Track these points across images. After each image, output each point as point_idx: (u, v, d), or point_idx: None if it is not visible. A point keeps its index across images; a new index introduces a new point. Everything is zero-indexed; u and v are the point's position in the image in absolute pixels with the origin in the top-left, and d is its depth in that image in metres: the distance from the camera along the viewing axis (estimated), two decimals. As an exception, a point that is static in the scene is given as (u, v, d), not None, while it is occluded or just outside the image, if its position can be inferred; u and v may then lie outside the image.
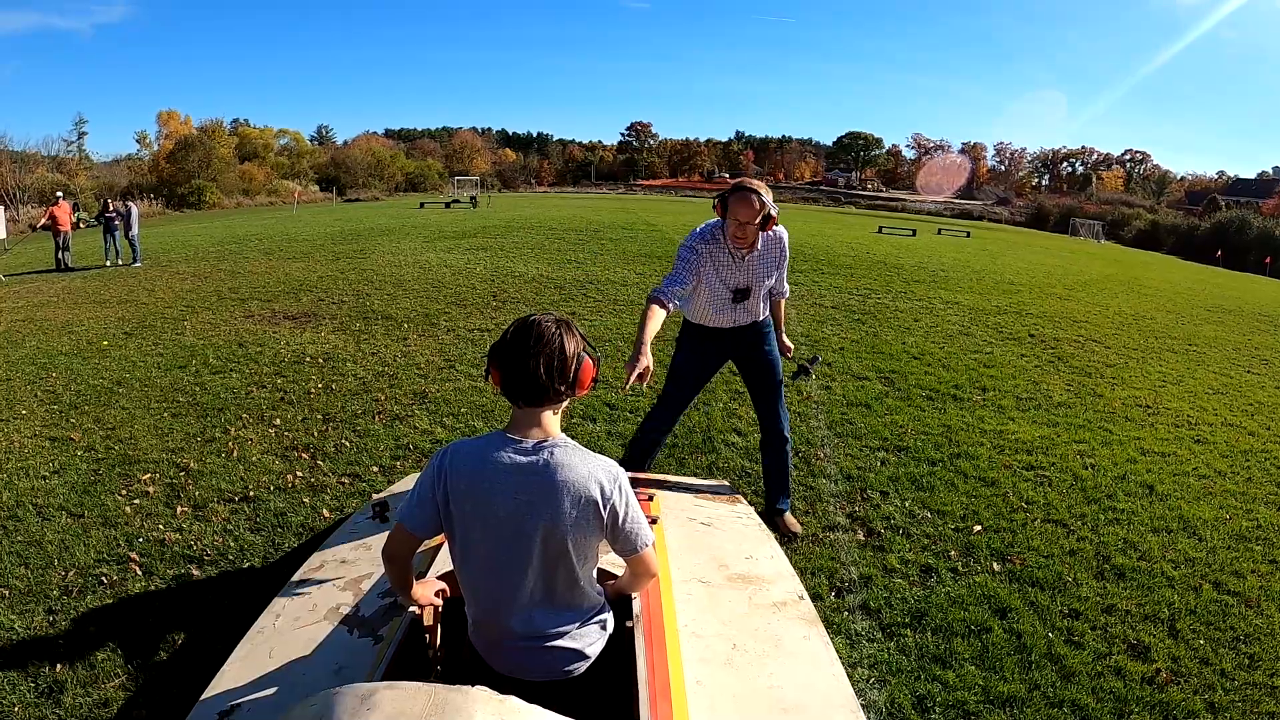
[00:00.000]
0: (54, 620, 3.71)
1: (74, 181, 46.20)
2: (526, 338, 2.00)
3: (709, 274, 4.17)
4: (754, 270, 4.22)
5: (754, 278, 4.23)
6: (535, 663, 2.05)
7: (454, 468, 1.99)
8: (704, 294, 4.23)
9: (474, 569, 2.03)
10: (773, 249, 4.25)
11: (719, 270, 4.17)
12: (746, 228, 3.97)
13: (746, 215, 3.92)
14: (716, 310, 4.28)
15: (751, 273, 4.21)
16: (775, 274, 4.36)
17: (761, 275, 4.25)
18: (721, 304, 4.25)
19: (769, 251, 4.23)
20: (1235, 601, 4.22)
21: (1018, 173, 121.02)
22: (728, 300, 4.23)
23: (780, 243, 4.29)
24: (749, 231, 3.99)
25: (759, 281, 4.26)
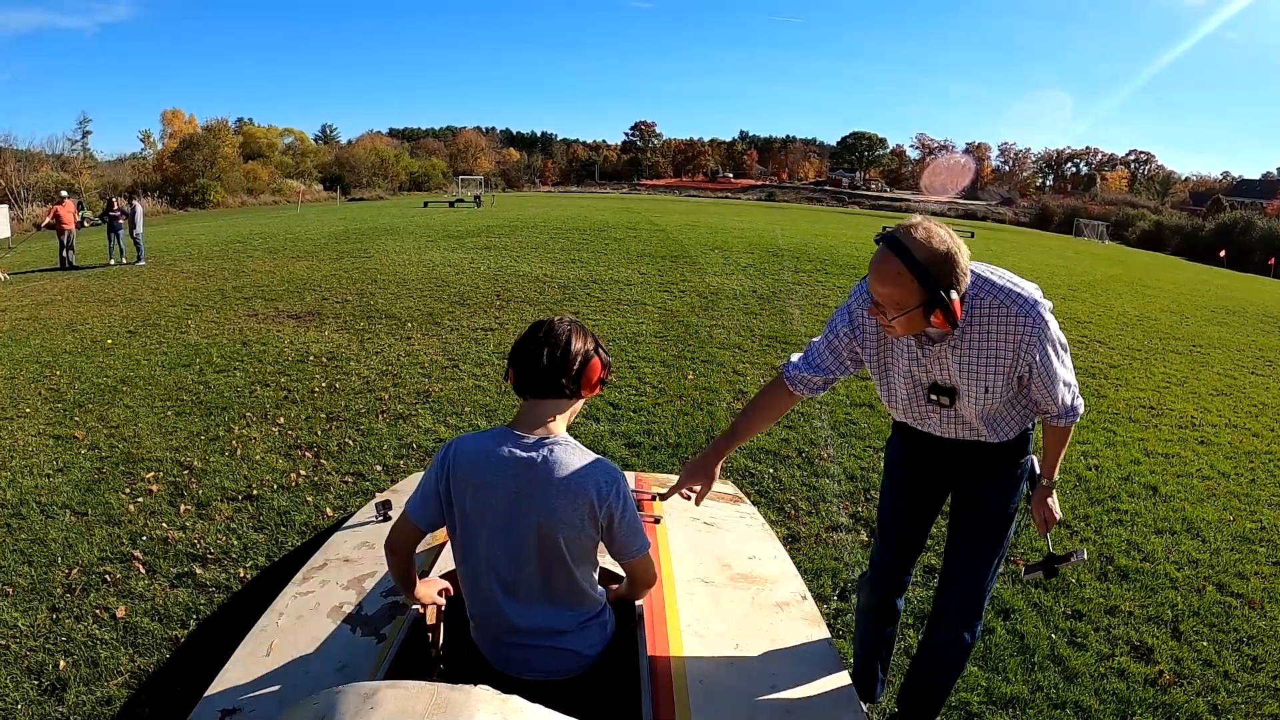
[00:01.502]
0: (57, 618, 3.72)
1: (78, 180, 46.29)
2: (537, 332, 2.04)
3: (884, 353, 2.53)
4: (953, 366, 2.37)
5: (958, 377, 2.39)
6: (535, 662, 2.05)
7: (456, 460, 2.00)
8: (895, 378, 2.56)
9: (472, 561, 2.04)
10: (996, 336, 2.27)
11: (899, 352, 2.48)
12: (876, 307, 2.24)
13: (879, 292, 2.19)
14: (911, 406, 2.60)
15: (949, 369, 2.39)
16: (1005, 380, 2.34)
17: (975, 376, 2.36)
18: (916, 400, 2.56)
19: (986, 340, 2.29)
20: (1239, 603, 4.21)
21: (1022, 173, 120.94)
22: (922, 397, 2.52)
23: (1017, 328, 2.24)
24: (890, 321, 2.21)
25: (967, 384, 2.39)
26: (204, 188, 52.82)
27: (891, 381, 2.56)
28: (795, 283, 14.86)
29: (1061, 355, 2.33)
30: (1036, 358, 2.26)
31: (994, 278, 2.26)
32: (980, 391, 2.38)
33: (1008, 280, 2.26)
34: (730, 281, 14.49)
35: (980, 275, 2.26)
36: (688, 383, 7.81)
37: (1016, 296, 2.22)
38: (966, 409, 2.46)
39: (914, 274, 2.07)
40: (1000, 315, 2.23)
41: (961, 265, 2.12)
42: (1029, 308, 2.21)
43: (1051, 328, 2.26)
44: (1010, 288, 2.24)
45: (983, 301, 2.24)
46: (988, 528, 2.69)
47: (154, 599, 3.89)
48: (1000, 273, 2.29)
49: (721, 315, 11.36)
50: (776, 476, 5.52)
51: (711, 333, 10.15)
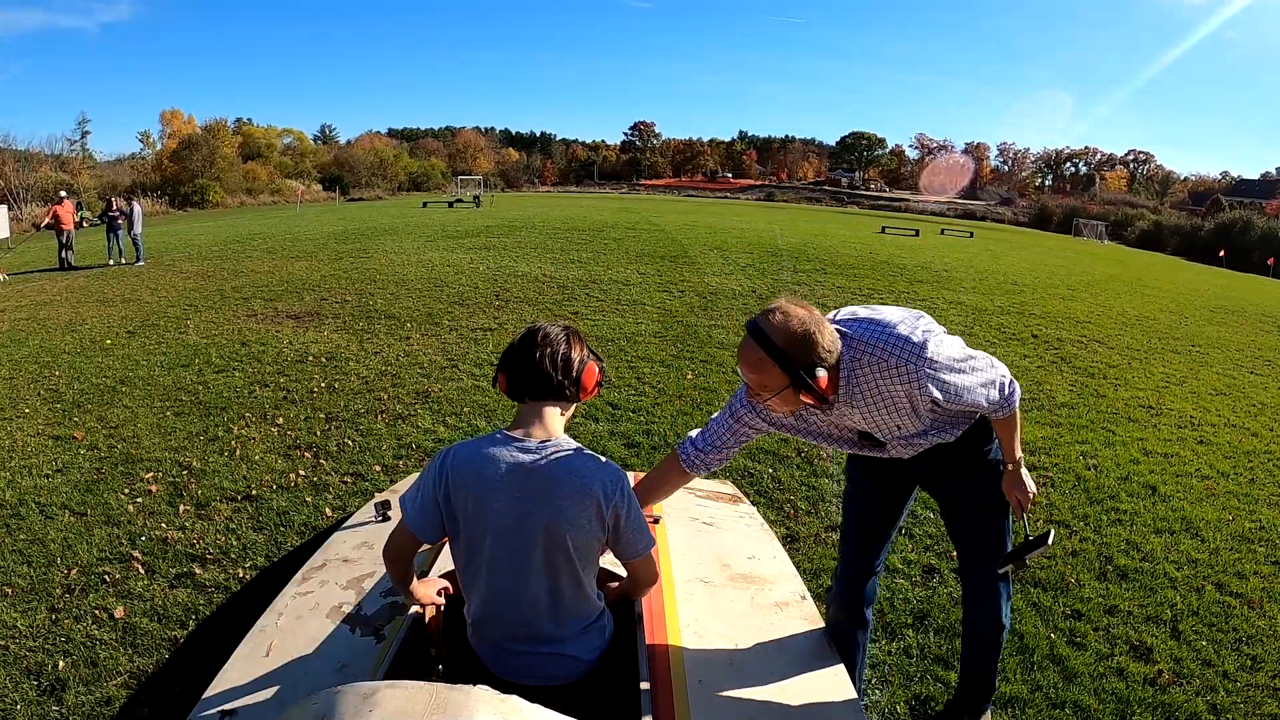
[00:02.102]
0: (56, 618, 3.71)
1: (77, 180, 46.26)
2: (534, 337, 2.05)
3: (797, 419, 2.56)
4: (854, 418, 2.45)
5: (862, 423, 2.47)
6: (535, 668, 2.05)
7: (455, 468, 1.99)
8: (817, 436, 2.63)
9: (476, 570, 2.03)
10: (883, 389, 2.32)
11: (806, 420, 2.56)
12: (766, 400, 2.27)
13: (748, 377, 2.26)
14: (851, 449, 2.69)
15: (853, 420, 2.47)
16: (914, 416, 2.41)
17: (882, 423, 2.44)
18: (851, 445, 2.63)
19: (877, 393, 2.34)
20: (1238, 603, 4.21)
21: (1021, 173, 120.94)
22: (855, 443, 2.61)
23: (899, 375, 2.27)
24: (767, 401, 2.28)
25: (880, 427, 2.46)
26: (203, 188, 52.79)
27: (818, 437, 2.60)
28: (794, 283, 14.87)
29: (960, 369, 2.33)
30: (933, 393, 2.28)
31: (866, 335, 2.29)
32: (895, 429, 2.45)
33: (881, 330, 2.29)
34: (729, 281, 14.50)
35: (852, 335, 2.30)
36: (687, 383, 7.81)
37: (890, 346, 2.25)
38: (896, 443, 2.52)
39: (774, 359, 2.13)
40: (880, 370, 2.28)
41: (824, 343, 2.17)
42: (905, 355, 2.24)
43: (938, 358, 2.26)
44: (883, 339, 2.27)
45: (860, 361, 2.30)
46: (974, 522, 2.72)
47: (153, 599, 3.89)
48: (876, 319, 2.33)
49: (721, 315, 11.36)
50: (776, 476, 5.52)
51: (711, 333, 10.15)
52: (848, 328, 2.33)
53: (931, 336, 2.27)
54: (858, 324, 2.34)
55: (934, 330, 2.32)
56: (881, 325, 2.30)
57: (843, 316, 2.40)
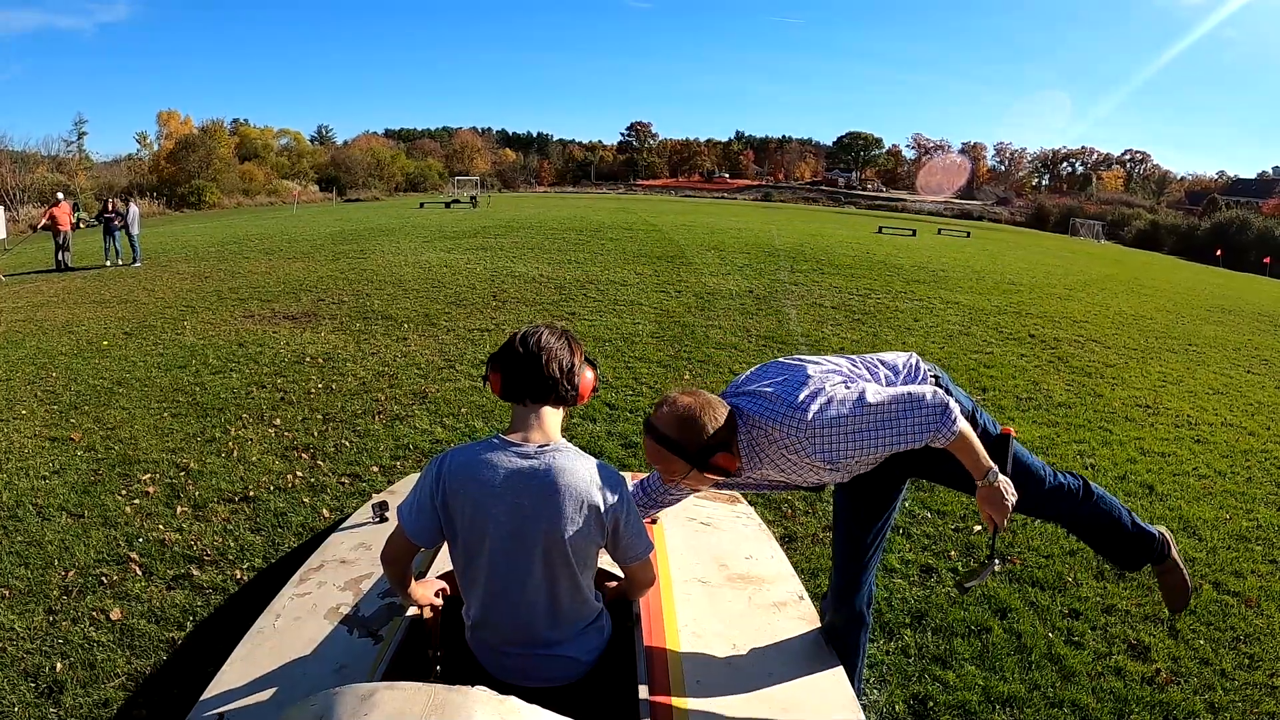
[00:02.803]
0: (54, 620, 3.71)
1: (74, 182, 46.11)
2: (530, 339, 2.04)
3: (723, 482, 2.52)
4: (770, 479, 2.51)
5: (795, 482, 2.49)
6: (534, 670, 2.05)
7: (452, 474, 1.98)
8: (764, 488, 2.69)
9: (475, 575, 2.02)
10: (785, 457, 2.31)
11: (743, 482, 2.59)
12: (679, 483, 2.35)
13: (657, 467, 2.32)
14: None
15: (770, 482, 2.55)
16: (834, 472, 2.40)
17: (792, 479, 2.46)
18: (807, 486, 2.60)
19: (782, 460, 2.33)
20: (1235, 601, 4.22)
21: (1018, 173, 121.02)
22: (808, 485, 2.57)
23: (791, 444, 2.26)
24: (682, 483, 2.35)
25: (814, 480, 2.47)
26: (200, 189, 52.67)
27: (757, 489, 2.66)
28: (791, 283, 14.88)
29: (866, 419, 2.20)
30: (840, 450, 2.22)
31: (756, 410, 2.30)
32: (810, 482, 2.46)
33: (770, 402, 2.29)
34: (726, 282, 14.50)
35: (744, 412, 2.32)
36: (684, 383, 7.81)
37: (776, 419, 2.25)
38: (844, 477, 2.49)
39: (669, 449, 2.18)
40: (771, 442, 2.29)
41: (713, 425, 2.18)
42: (789, 424, 2.22)
43: (828, 418, 2.20)
44: (769, 412, 2.27)
45: (753, 436, 2.31)
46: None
47: (151, 601, 3.89)
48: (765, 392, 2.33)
49: (718, 315, 11.36)
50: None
51: (708, 333, 10.16)
52: (744, 402, 2.35)
53: (819, 400, 2.23)
54: (753, 399, 2.34)
55: (833, 392, 2.25)
56: (772, 397, 2.29)
57: (748, 388, 2.41)
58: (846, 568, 2.74)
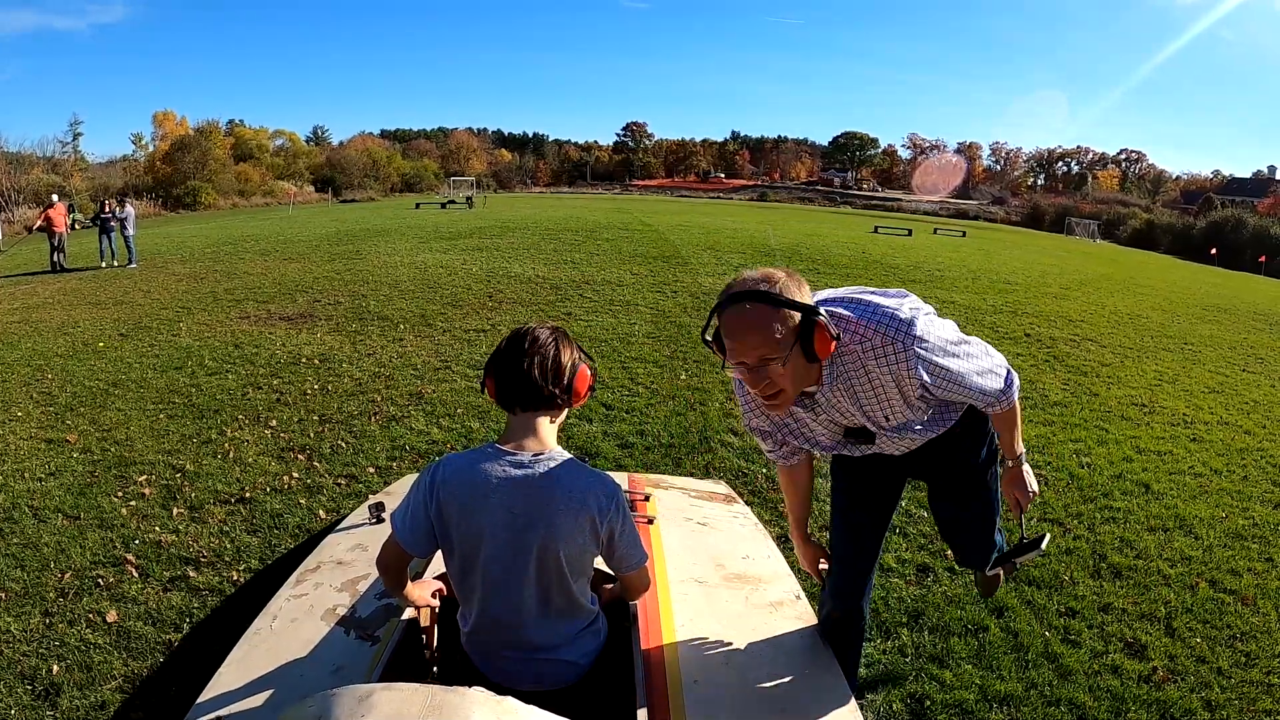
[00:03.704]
0: (50, 622, 3.70)
1: (69, 183, 46.02)
2: (520, 343, 2.01)
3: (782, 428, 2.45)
4: (843, 410, 2.25)
5: (853, 417, 2.27)
6: (530, 674, 2.04)
7: (445, 482, 1.96)
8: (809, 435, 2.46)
9: (471, 583, 2.01)
10: (871, 370, 2.10)
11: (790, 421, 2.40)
12: (774, 380, 1.99)
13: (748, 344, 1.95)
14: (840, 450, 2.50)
15: (841, 413, 2.26)
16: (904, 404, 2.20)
17: (872, 411, 2.22)
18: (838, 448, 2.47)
19: (864, 375, 2.12)
20: (1232, 600, 4.23)
21: (1013, 172, 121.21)
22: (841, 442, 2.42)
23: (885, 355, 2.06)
24: (785, 379, 2.00)
25: (871, 419, 2.25)
26: (195, 190, 52.64)
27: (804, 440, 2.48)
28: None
29: (953, 354, 2.13)
30: (924, 377, 2.08)
31: (851, 310, 2.09)
32: (884, 420, 2.24)
33: (866, 307, 2.09)
34: (723, 282, 14.41)
35: (836, 311, 2.09)
36: (680, 383, 7.81)
37: (876, 323, 2.05)
38: (887, 438, 2.33)
39: (772, 304, 1.92)
40: (865, 348, 2.07)
41: (800, 288, 2.00)
42: (891, 332, 2.04)
43: (928, 338, 2.06)
44: (868, 315, 2.07)
45: (843, 341, 2.07)
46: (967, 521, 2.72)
47: (147, 603, 3.88)
48: (861, 298, 2.13)
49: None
50: (770, 476, 5.52)
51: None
52: (837, 305, 2.12)
53: (920, 315, 2.08)
54: (840, 301, 2.14)
55: (923, 308, 2.12)
56: (866, 303, 2.10)
57: (822, 296, 2.19)
58: (849, 566, 2.68)
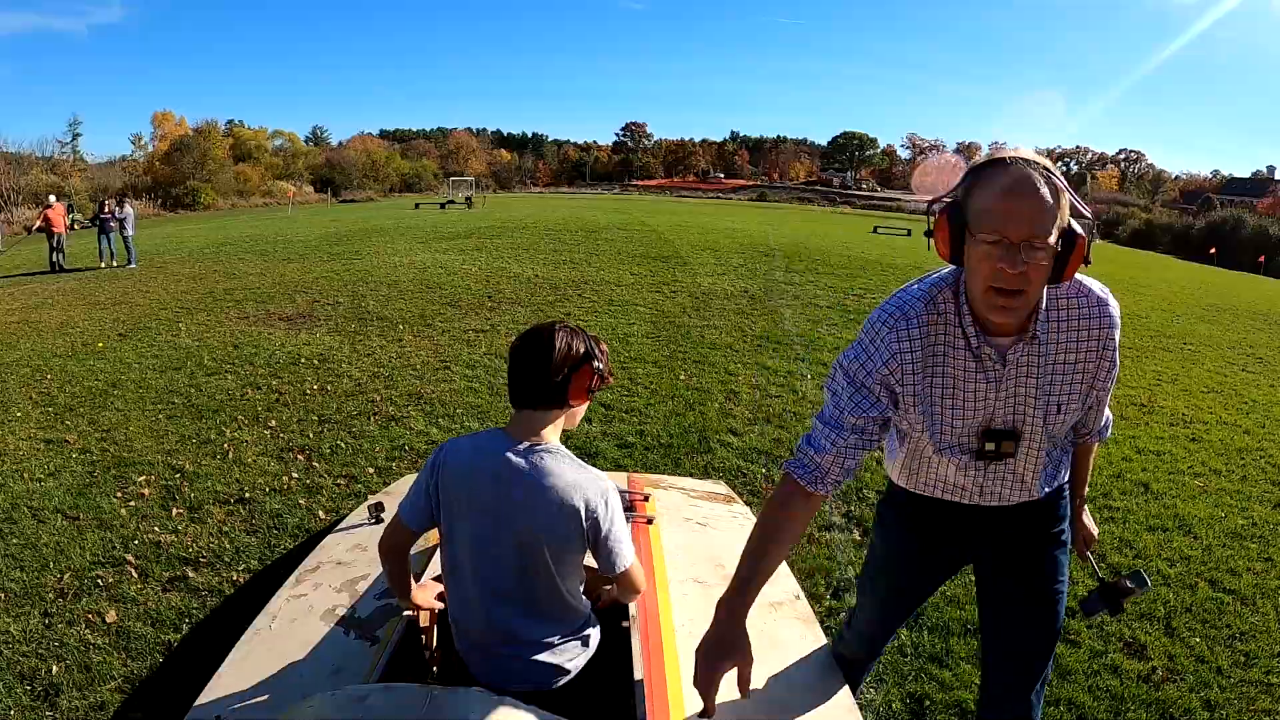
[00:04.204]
0: (49, 623, 3.70)
1: (68, 183, 46.03)
2: (528, 340, 2.02)
3: (932, 383, 1.88)
4: (1027, 388, 1.86)
5: (1027, 405, 1.88)
6: (513, 673, 2.03)
7: (447, 461, 2.00)
8: (919, 438, 2.01)
9: (456, 562, 2.03)
10: (1080, 333, 1.84)
11: (945, 389, 1.88)
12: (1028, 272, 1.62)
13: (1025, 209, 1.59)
14: (948, 470, 2.04)
15: (1020, 393, 1.86)
16: (1080, 394, 1.89)
17: (1048, 399, 1.87)
18: (957, 457, 1.97)
19: (1066, 338, 1.84)
20: (1231, 599, 4.23)
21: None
22: (969, 451, 1.95)
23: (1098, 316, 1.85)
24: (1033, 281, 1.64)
25: (1041, 413, 1.89)
26: (194, 190, 52.65)
27: (937, 422, 1.90)
28: (786, 283, 14.89)
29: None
30: (1113, 355, 1.88)
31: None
32: (1053, 413, 1.87)
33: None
34: (722, 282, 14.50)
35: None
36: (680, 383, 7.81)
37: (1089, 286, 1.85)
38: (1025, 459, 1.96)
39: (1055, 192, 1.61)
40: (1082, 303, 1.83)
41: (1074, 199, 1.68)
42: (1099, 298, 1.85)
43: (1117, 318, 1.90)
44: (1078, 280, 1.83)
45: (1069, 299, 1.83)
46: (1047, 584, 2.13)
47: (146, 603, 3.88)
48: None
49: (713, 315, 11.37)
50: (769, 476, 5.52)
51: (704, 333, 10.16)
52: None
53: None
54: None
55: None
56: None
57: None
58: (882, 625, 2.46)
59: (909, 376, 1.87)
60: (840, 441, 1.90)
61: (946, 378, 1.87)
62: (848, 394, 1.90)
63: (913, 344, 1.85)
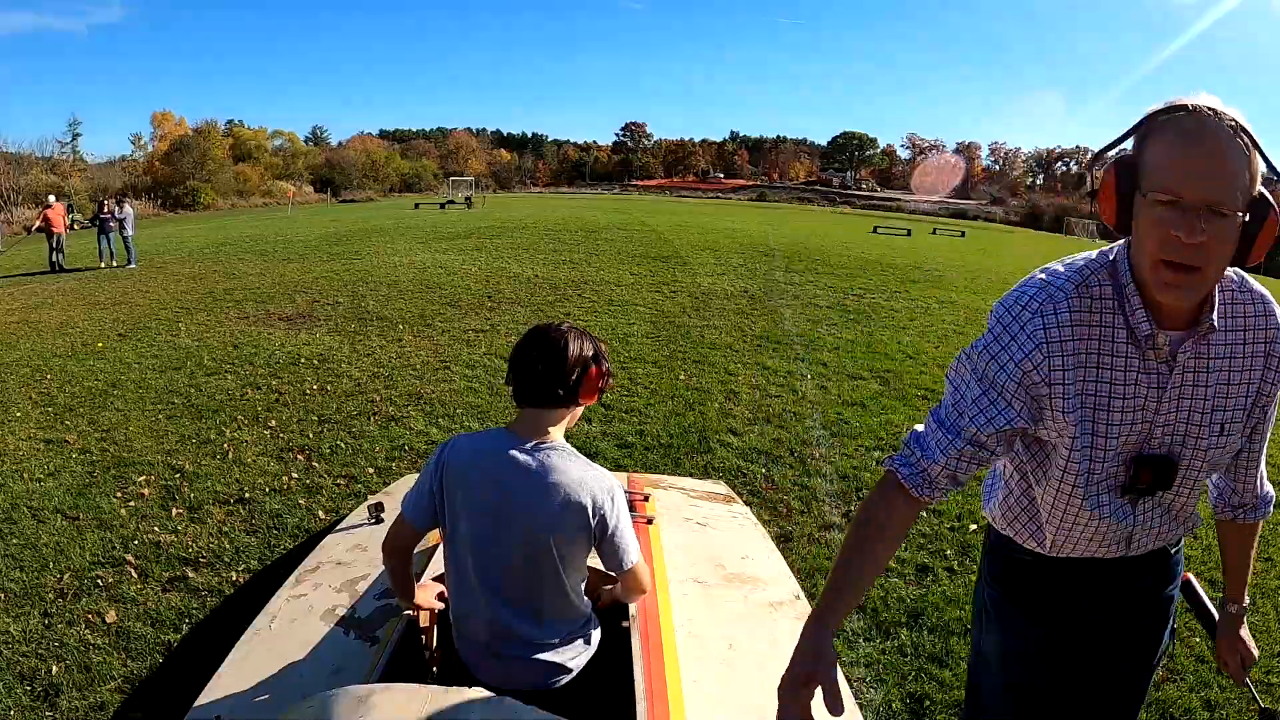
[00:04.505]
0: (49, 623, 3.70)
1: (68, 183, 46.03)
2: (534, 339, 2.02)
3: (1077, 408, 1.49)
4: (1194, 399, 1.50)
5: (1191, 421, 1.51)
6: (515, 673, 2.03)
7: (451, 459, 2.00)
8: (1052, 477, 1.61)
9: (459, 562, 2.03)
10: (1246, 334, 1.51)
11: (1101, 395, 1.48)
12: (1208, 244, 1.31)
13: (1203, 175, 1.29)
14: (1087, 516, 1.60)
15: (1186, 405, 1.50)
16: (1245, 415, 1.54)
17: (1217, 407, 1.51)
18: (1100, 497, 1.58)
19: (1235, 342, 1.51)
20: (1230, 599, 4.22)
21: (1013, 172, 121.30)
22: (1113, 486, 1.57)
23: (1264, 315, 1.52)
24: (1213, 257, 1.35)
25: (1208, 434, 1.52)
26: (194, 190, 52.69)
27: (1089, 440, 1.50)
28: (786, 283, 14.89)
29: None
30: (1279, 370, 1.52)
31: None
32: (1217, 434, 1.52)
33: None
34: (721, 282, 14.51)
35: None
36: (680, 383, 7.82)
37: (1241, 275, 1.55)
38: (1180, 496, 1.60)
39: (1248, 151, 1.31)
40: (1240, 301, 1.52)
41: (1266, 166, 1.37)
42: (1260, 291, 1.54)
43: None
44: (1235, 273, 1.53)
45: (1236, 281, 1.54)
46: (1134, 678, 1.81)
47: (146, 603, 3.88)
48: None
49: (713, 315, 11.37)
50: (769, 476, 5.53)
51: (703, 333, 10.16)
52: None
53: None
54: None
55: None
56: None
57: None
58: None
59: (1059, 374, 1.46)
60: (953, 451, 1.54)
61: (1102, 380, 1.47)
62: (973, 393, 1.53)
63: (1062, 330, 1.45)
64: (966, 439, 1.53)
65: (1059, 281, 1.49)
